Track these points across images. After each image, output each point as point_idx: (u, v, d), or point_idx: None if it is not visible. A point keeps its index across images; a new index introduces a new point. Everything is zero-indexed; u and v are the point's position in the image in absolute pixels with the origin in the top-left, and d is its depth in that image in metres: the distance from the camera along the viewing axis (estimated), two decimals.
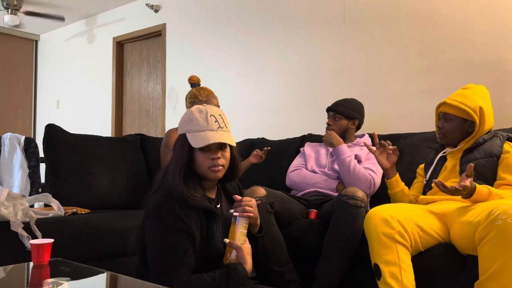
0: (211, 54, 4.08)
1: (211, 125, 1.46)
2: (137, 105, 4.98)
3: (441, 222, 1.78)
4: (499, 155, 1.86)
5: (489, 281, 1.43)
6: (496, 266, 1.42)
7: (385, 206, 1.74)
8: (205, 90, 2.50)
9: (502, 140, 1.91)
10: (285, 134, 3.21)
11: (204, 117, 1.47)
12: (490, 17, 2.61)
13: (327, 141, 2.43)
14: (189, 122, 1.48)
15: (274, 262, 2.00)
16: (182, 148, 1.47)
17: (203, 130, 1.45)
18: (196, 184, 1.48)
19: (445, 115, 1.98)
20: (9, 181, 3.44)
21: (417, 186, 2.13)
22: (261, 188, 2.11)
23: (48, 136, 2.49)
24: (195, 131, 1.46)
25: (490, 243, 1.45)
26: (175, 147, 1.51)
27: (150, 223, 1.43)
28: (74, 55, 5.57)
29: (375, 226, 1.65)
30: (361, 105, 2.57)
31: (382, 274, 1.60)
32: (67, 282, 1.21)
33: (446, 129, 1.98)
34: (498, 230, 1.43)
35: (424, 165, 2.16)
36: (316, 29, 3.36)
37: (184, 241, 1.40)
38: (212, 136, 1.45)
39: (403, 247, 1.62)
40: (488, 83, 2.57)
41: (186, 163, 1.46)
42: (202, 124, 1.46)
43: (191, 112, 1.50)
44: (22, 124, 5.99)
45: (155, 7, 4.59)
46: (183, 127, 1.50)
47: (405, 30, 2.92)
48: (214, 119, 1.48)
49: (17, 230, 1.67)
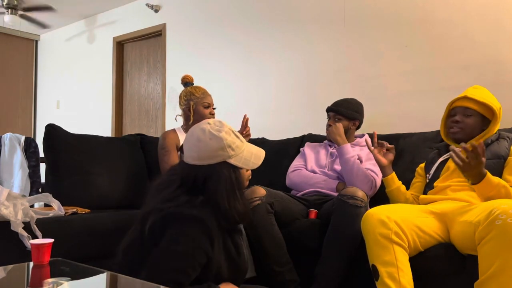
0: (211, 54, 4.08)
1: (243, 140, 1.46)
2: (137, 105, 4.98)
3: (440, 222, 1.78)
4: (506, 157, 1.86)
5: (489, 281, 1.44)
6: (496, 266, 1.42)
7: (382, 207, 1.74)
8: (200, 88, 2.52)
9: (509, 142, 1.90)
10: (285, 134, 3.21)
11: (234, 136, 1.44)
12: (490, 17, 2.61)
13: (333, 134, 2.40)
14: (227, 148, 1.40)
15: (274, 262, 2.00)
16: (233, 173, 1.42)
17: (243, 149, 1.45)
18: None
19: (466, 110, 1.94)
20: (9, 181, 3.44)
21: (417, 186, 2.13)
22: (261, 188, 2.11)
23: (48, 136, 2.49)
24: (238, 154, 1.43)
25: (490, 243, 1.45)
26: (216, 178, 1.39)
27: (178, 227, 1.32)
28: (74, 55, 5.57)
29: (372, 227, 1.66)
30: (361, 105, 2.57)
31: (380, 274, 1.60)
32: (67, 282, 1.21)
33: (466, 123, 1.94)
34: (498, 230, 1.43)
35: (424, 164, 2.15)
36: (316, 29, 3.36)
37: (200, 260, 1.31)
38: (258, 152, 1.49)
39: (400, 247, 1.63)
40: (488, 83, 2.57)
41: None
42: (239, 144, 1.44)
43: (219, 137, 1.40)
44: (22, 124, 5.99)
45: (155, 7, 4.59)
46: (217, 157, 1.40)
47: (405, 30, 2.92)
48: (238, 134, 1.47)
49: (17, 230, 1.67)
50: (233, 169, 1.42)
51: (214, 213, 1.36)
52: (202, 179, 1.40)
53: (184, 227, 1.31)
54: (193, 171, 1.41)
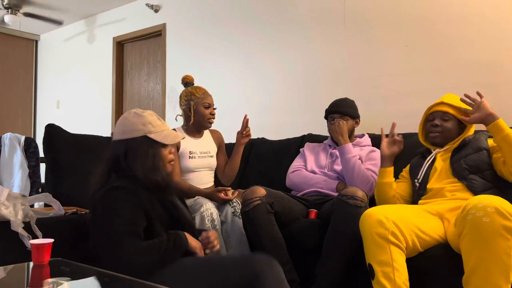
0: (211, 54, 4.08)
1: (165, 124, 1.68)
2: (137, 105, 4.97)
3: (440, 222, 1.79)
4: (487, 148, 1.92)
5: (472, 276, 1.48)
6: (473, 261, 1.47)
7: (381, 207, 1.75)
8: (201, 88, 2.52)
9: (486, 135, 2.00)
10: (285, 134, 3.20)
11: (157, 118, 1.66)
12: (490, 17, 2.61)
13: (336, 132, 2.38)
14: (148, 124, 1.62)
15: None
16: (153, 147, 1.62)
17: (164, 129, 1.66)
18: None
19: (444, 114, 2.02)
20: (9, 181, 3.44)
21: (401, 185, 2.13)
22: (261, 188, 2.11)
23: (48, 136, 2.49)
24: (158, 131, 1.63)
25: (465, 238, 1.50)
26: (136, 149, 1.61)
27: (105, 202, 1.53)
28: (74, 55, 5.57)
29: (370, 227, 1.67)
30: (354, 102, 2.58)
31: (376, 274, 1.62)
32: (67, 282, 1.21)
33: (444, 127, 2.02)
34: (470, 225, 1.48)
35: (409, 168, 2.17)
36: (316, 29, 3.36)
37: (138, 214, 1.51)
38: (176, 134, 1.68)
39: (396, 247, 1.64)
40: (487, 83, 2.58)
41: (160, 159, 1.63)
42: (160, 124, 1.66)
43: (142, 115, 1.64)
44: (22, 124, 5.99)
45: (155, 7, 4.59)
46: (140, 130, 1.61)
47: (405, 30, 2.92)
48: (163, 120, 1.69)
49: (17, 230, 1.67)
50: (152, 144, 1.61)
51: (133, 181, 1.56)
52: (124, 154, 1.61)
53: (110, 197, 1.53)
54: (117, 148, 1.62)
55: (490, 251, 1.43)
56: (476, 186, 1.82)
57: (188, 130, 2.51)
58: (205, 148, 2.50)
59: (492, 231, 1.43)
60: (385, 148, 2.12)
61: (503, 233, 1.42)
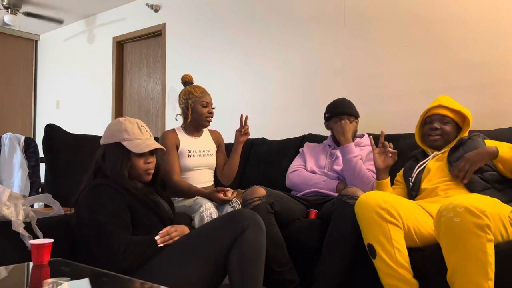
0: (211, 54, 4.08)
1: (144, 134, 1.71)
2: (137, 105, 4.98)
3: (432, 221, 1.79)
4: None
5: (453, 277, 1.50)
6: (452, 262, 1.49)
7: (377, 192, 1.76)
8: (199, 87, 2.52)
9: (482, 137, 2.01)
10: (285, 134, 3.21)
11: (137, 127, 1.70)
12: (490, 17, 2.61)
13: (340, 131, 2.38)
14: (124, 132, 1.67)
15: (274, 262, 2.00)
16: (123, 154, 1.66)
17: (139, 138, 1.68)
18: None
19: (443, 118, 2.05)
20: (9, 181, 3.44)
21: (397, 192, 2.14)
22: (261, 188, 2.11)
23: (48, 136, 2.49)
24: (132, 139, 1.67)
25: (442, 240, 1.52)
26: (109, 156, 1.68)
27: (88, 199, 1.58)
28: (74, 55, 5.57)
29: (366, 208, 1.69)
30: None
31: (377, 252, 1.64)
32: (67, 282, 1.21)
33: (444, 130, 2.04)
34: (443, 227, 1.50)
35: (403, 172, 2.17)
36: (316, 29, 3.36)
37: (122, 208, 1.57)
38: (150, 143, 1.68)
39: (394, 226, 1.66)
40: (487, 83, 2.58)
41: (129, 167, 1.67)
42: (137, 133, 1.69)
43: (122, 123, 1.69)
44: (22, 124, 5.99)
45: (155, 7, 4.59)
46: (116, 137, 1.68)
47: (405, 30, 2.92)
48: (145, 129, 1.73)
49: (18, 230, 1.67)
50: (123, 151, 1.66)
51: (114, 182, 1.62)
52: (102, 157, 1.69)
53: (94, 193, 1.59)
54: (98, 151, 1.71)
55: (466, 250, 1.44)
56: (475, 186, 1.83)
57: (187, 129, 2.52)
58: (204, 147, 2.50)
59: (464, 230, 1.44)
60: (379, 161, 2.08)
61: (476, 231, 1.43)
